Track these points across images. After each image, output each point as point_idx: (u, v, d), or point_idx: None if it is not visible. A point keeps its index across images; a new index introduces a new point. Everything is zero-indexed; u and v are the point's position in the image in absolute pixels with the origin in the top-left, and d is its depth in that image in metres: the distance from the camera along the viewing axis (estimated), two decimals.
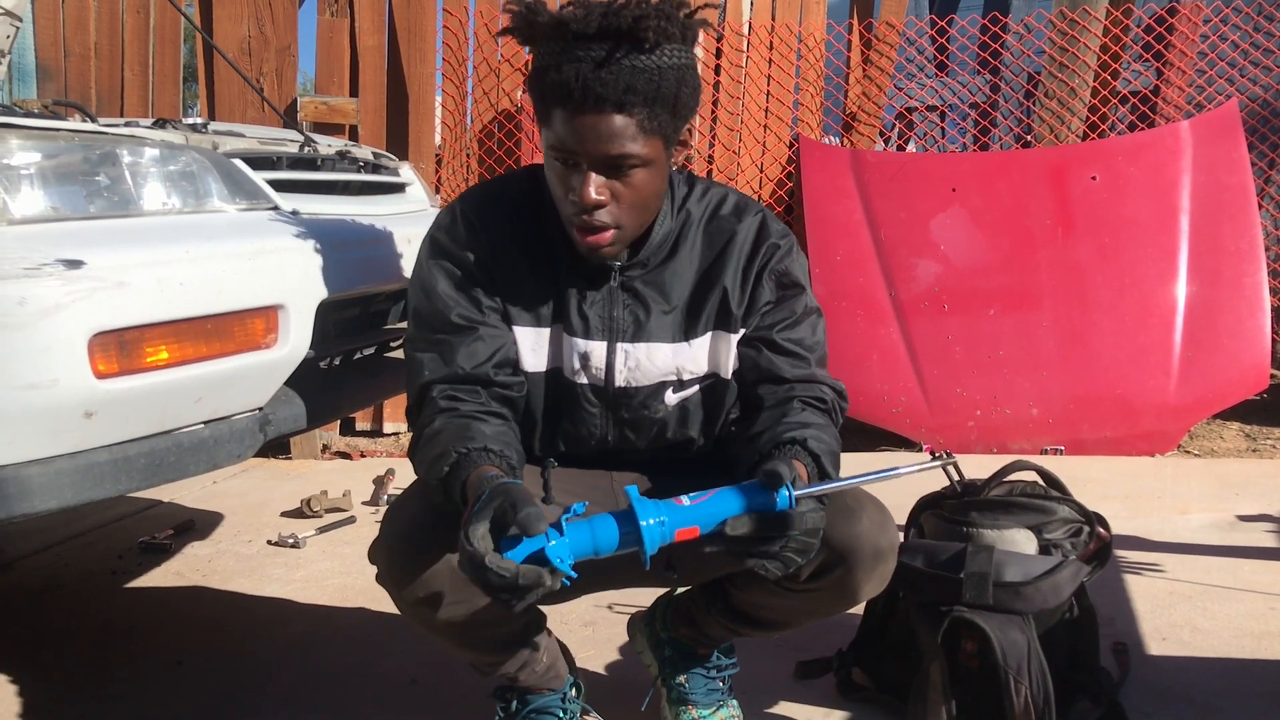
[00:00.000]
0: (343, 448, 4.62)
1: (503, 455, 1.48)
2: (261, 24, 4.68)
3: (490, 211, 1.63)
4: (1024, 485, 2.06)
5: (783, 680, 2.17)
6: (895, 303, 4.46)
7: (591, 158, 1.47)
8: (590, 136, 1.46)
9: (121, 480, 1.62)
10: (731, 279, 1.64)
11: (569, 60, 1.43)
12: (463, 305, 1.60)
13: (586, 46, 1.42)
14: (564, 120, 1.46)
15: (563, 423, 1.69)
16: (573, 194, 1.51)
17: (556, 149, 1.49)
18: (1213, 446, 4.39)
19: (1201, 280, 4.34)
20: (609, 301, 1.63)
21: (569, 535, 1.29)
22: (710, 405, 1.71)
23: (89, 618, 2.69)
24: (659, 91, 1.45)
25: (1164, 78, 4.91)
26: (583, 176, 1.49)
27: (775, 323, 1.65)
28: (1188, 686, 2.12)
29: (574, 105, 1.44)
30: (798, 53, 4.94)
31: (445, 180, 4.82)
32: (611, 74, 1.42)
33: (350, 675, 2.29)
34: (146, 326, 1.61)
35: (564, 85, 1.43)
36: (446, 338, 1.60)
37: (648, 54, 1.43)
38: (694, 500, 1.34)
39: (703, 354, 1.66)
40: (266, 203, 1.97)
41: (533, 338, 1.64)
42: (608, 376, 1.64)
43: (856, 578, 1.58)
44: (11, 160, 1.61)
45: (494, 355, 1.60)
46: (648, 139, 1.48)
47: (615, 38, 1.42)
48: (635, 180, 1.51)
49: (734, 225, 1.65)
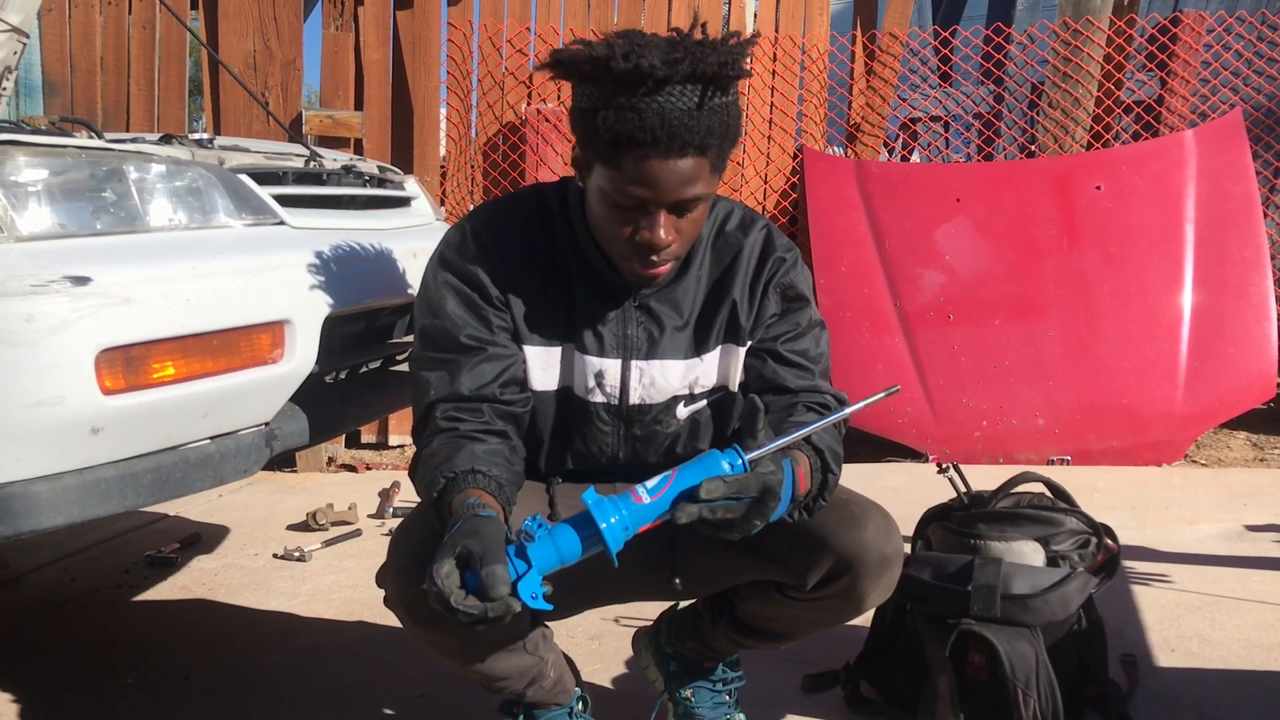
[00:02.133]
0: (348, 461, 4.62)
1: (490, 476, 1.47)
2: (267, 38, 4.69)
3: (500, 230, 1.62)
4: (1031, 497, 2.06)
5: (790, 693, 2.16)
6: (900, 313, 4.46)
7: (666, 200, 1.45)
8: (672, 181, 1.43)
9: (128, 496, 1.62)
10: (740, 292, 1.64)
11: (650, 105, 1.38)
12: (472, 325, 1.59)
13: (669, 91, 1.38)
14: (640, 164, 1.41)
15: (573, 441, 1.69)
16: (640, 235, 1.48)
17: (624, 193, 1.45)
18: (1220, 456, 4.38)
19: (1207, 289, 4.33)
20: (623, 320, 1.63)
21: (534, 560, 1.29)
22: (720, 418, 1.71)
23: (95, 632, 2.69)
24: (729, 129, 1.45)
25: (1168, 87, 4.91)
26: (652, 219, 1.47)
27: (780, 335, 1.66)
28: (1197, 698, 2.11)
29: (659, 150, 1.40)
30: (801, 64, 4.95)
31: (450, 193, 4.83)
32: (696, 118, 1.40)
33: (358, 690, 2.28)
34: (153, 343, 1.62)
35: (648, 131, 1.38)
36: (454, 357, 1.59)
37: (724, 95, 1.43)
38: (653, 495, 1.33)
39: (713, 368, 1.67)
40: (272, 218, 1.97)
41: (543, 357, 1.63)
42: (622, 394, 1.65)
43: (862, 586, 1.57)
44: (18, 177, 1.61)
45: (501, 375, 1.59)
46: (714, 176, 1.48)
47: (703, 81, 1.39)
48: (696, 215, 1.51)
49: (740, 240, 1.66)
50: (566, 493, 1.69)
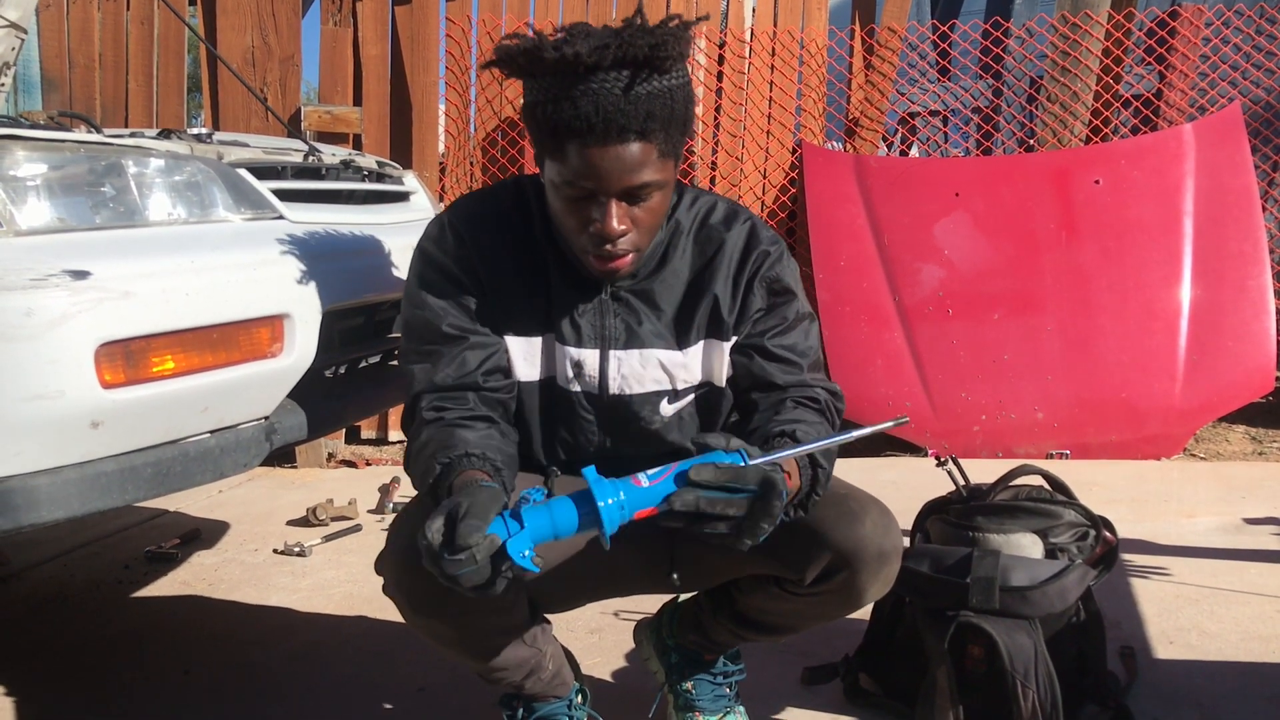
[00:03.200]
0: (348, 456, 4.62)
1: (485, 458, 1.48)
2: (265, 34, 4.69)
3: (479, 222, 1.63)
4: (1030, 489, 2.06)
5: (790, 686, 2.17)
6: (899, 308, 4.47)
7: (613, 189, 1.45)
8: (615, 168, 1.43)
9: (128, 490, 1.63)
10: (722, 287, 1.64)
11: (584, 93, 1.38)
12: (453, 315, 1.60)
13: (601, 77, 1.39)
14: (582, 153, 1.42)
15: (560, 431, 1.69)
16: (593, 225, 1.48)
17: (571, 184, 1.46)
18: (1218, 450, 4.38)
19: (1206, 283, 4.34)
20: (599, 311, 1.63)
21: (527, 522, 1.29)
22: (706, 414, 1.71)
23: (95, 627, 2.69)
24: (673, 113, 1.44)
25: (1166, 81, 4.91)
26: (603, 208, 1.47)
27: (767, 330, 1.65)
28: (1195, 690, 2.11)
29: (595, 138, 1.40)
30: (800, 59, 4.95)
31: (449, 188, 4.83)
32: (632, 103, 1.39)
33: (358, 683, 2.29)
34: (152, 336, 1.62)
35: (582, 118, 1.39)
36: (436, 348, 1.60)
37: (661, 78, 1.42)
38: (652, 480, 1.32)
39: (696, 363, 1.66)
40: (271, 212, 1.97)
41: (525, 347, 1.64)
42: (601, 384, 1.65)
43: (861, 580, 1.58)
44: (18, 172, 1.61)
45: (483, 363, 1.60)
46: (664, 161, 1.47)
47: (633, 66, 1.39)
48: (652, 204, 1.50)
49: (723, 234, 1.65)
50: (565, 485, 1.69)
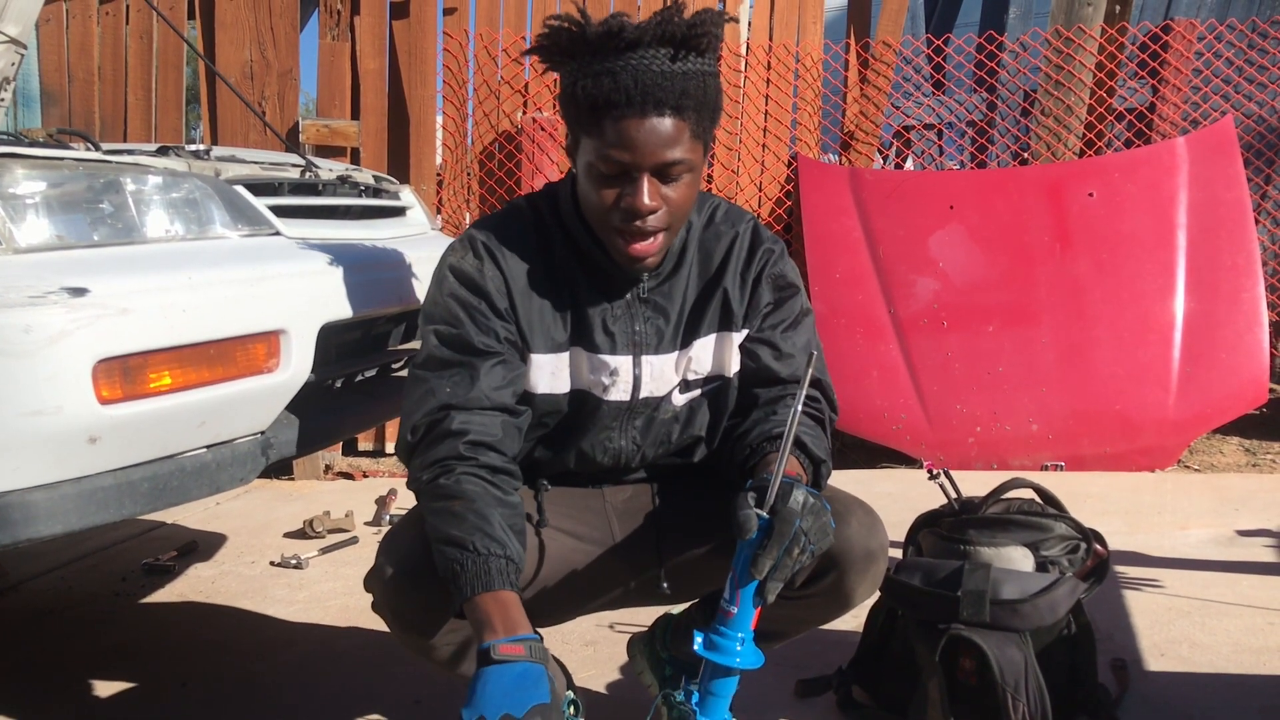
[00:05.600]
0: (345, 468, 4.63)
1: (509, 559, 1.43)
2: (263, 48, 4.72)
3: (505, 240, 1.64)
4: (1021, 503, 2.08)
5: (783, 698, 2.18)
6: (895, 320, 4.48)
7: (646, 163, 1.48)
8: (650, 140, 1.46)
9: (125, 505, 1.64)
10: (731, 281, 1.68)
11: (624, 67, 1.44)
12: (478, 335, 1.59)
13: (641, 53, 1.44)
14: (618, 126, 1.46)
15: (580, 443, 1.70)
16: (624, 200, 1.51)
17: (606, 159, 1.48)
18: (1212, 461, 4.40)
19: (1200, 295, 4.35)
20: (630, 316, 1.65)
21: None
22: (716, 406, 1.72)
23: (93, 640, 2.70)
24: (706, 96, 1.49)
25: (1159, 94, 4.94)
26: (634, 184, 1.49)
27: (775, 325, 1.70)
28: (1186, 702, 2.12)
29: (634, 109, 1.44)
30: (795, 72, 4.97)
31: (446, 202, 4.85)
32: (669, 79, 1.44)
33: (354, 696, 2.30)
34: (150, 353, 1.63)
35: (622, 90, 1.44)
36: (468, 359, 1.57)
37: (698, 59, 1.47)
38: (732, 603, 1.40)
39: (706, 355, 1.69)
40: (268, 228, 1.99)
41: (552, 363, 1.64)
42: (634, 389, 1.66)
43: (849, 581, 1.60)
44: (17, 189, 1.63)
45: (509, 383, 1.59)
46: (694, 143, 1.51)
47: (672, 44, 1.45)
48: (682, 186, 1.53)
49: (729, 231, 1.70)
50: (555, 499, 1.71)
